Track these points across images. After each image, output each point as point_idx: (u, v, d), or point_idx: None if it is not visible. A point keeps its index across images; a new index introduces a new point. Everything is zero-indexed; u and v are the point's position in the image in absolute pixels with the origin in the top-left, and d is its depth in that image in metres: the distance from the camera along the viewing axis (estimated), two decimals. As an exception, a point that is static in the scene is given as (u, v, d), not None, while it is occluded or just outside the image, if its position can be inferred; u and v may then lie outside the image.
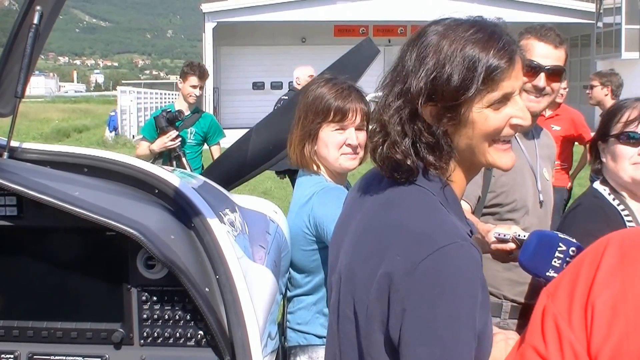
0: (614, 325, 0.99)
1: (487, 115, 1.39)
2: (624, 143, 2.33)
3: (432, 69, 1.36)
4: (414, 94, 1.37)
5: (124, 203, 1.83)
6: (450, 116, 1.37)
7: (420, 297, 1.28)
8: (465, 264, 1.29)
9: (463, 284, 1.28)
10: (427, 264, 1.28)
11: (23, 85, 1.97)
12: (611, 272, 1.03)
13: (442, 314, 1.26)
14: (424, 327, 1.27)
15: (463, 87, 1.35)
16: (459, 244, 1.30)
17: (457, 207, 1.44)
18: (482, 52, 1.36)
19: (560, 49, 2.61)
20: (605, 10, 27.40)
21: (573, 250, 1.71)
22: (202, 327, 1.83)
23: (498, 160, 1.44)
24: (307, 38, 30.10)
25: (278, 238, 2.36)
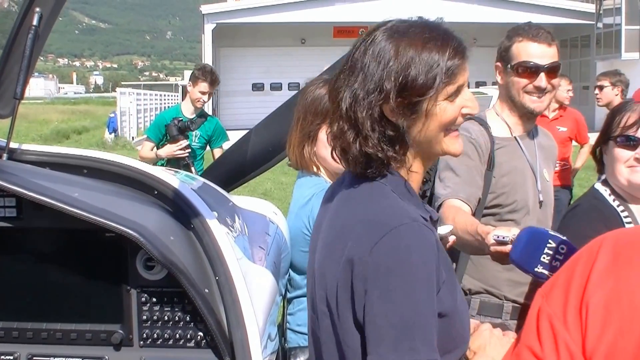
0: (608, 325, 0.99)
1: (444, 107, 1.48)
2: (621, 146, 2.34)
3: (398, 71, 1.44)
4: (383, 93, 1.44)
5: (123, 204, 1.82)
6: (412, 112, 1.46)
7: (378, 277, 1.36)
8: (416, 242, 1.38)
9: (415, 260, 1.36)
10: (380, 246, 1.37)
11: (22, 86, 1.97)
12: (605, 272, 1.03)
13: (398, 289, 1.34)
14: (383, 303, 1.35)
15: (428, 86, 1.44)
16: (409, 224, 1.39)
17: (413, 197, 1.52)
18: (441, 52, 1.46)
19: (553, 45, 2.62)
20: (605, 10, 27.43)
21: (562, 247, 1.73)
22: (201, 328, 1.83)
23: (452, 147, 1.53)
24: (307, 39, 30.14)
25: (278, 239, 2.36)
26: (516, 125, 2.72)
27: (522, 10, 26.89)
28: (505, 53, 2.66)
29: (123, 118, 25.66)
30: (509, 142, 2.70)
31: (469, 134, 2.62)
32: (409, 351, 1.31)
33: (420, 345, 1.32)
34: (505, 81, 2.69)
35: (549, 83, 2.60)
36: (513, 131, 2.72)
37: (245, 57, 30.25)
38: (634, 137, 2.32)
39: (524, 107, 2.64)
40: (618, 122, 2.36)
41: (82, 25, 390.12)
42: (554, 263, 1.72)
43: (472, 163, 2.59)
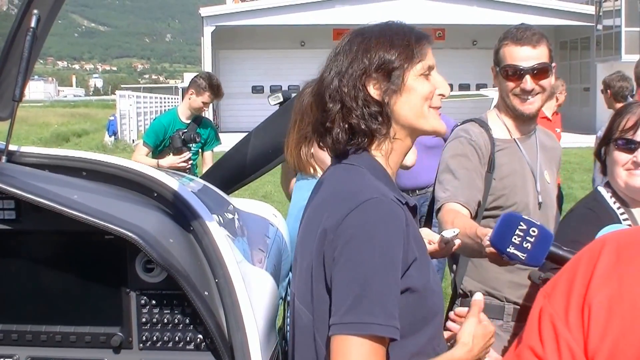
0: (610, 326, 0.99)
1: (422, 81, 1.62)
2: (620, 148, 2.34)
3: (376, 47, 1.61)
4: (364, 66, 1.60)
5: (123, 206, 1.82)
6: (393, 85, 1.60)
7: (346, 245, 1.45)
8: (384, 216, 1.47)
9: (383, 232, 1.45)
10: (350, 217, 1.47)
11: (21, 88, 1.97)
12: (607, 272, 1.03)
13: (361, 257, 1.43)
14: (347, 270, 1.43)
15: (404, 56, 1.60)
16: (379, 199, 1.49)
17: (386, 178, 1.62)
18: (409, 33, 1.64)
19: (539, 47, 2.61)
20: (604, 12, 27.44)
21: (534, 231, 1.80)
22: (201, 330, 1.82)
23: (436, 123, 1.65)
24: (306, 42, 30.15)
25: (278, 241, 2.36)
26: (514, 127, 2.73)
27: (522, 12, 26.89)
28: (496, 56, 2.69)
29: (123, 121, 25.66)
30: (509, 144, 2.70)
31: (469, 135, 2.62)
32: (367, 314, 1.38)
33: (379, 311, 1.39)
34: (498, 84, 2.71)
35: (537, 84, 2.60)
36: (512, 133, 2.72)
37: (244, 60, 30.26)
38: (632, 140, 2.31)
39: (515, 109, 2.66)
40: (618, 124, 2.36)
41: (82, 28, 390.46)
42: (525, 245, 1.79)
43: (472, 166, 2.59)
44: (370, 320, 1.38)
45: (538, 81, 2.61)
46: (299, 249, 1.67)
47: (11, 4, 2.71)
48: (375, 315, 1.38)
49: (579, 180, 12.97)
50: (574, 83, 28.50)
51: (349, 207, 1.48)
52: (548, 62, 2.62)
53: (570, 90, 31.31)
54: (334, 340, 1.41)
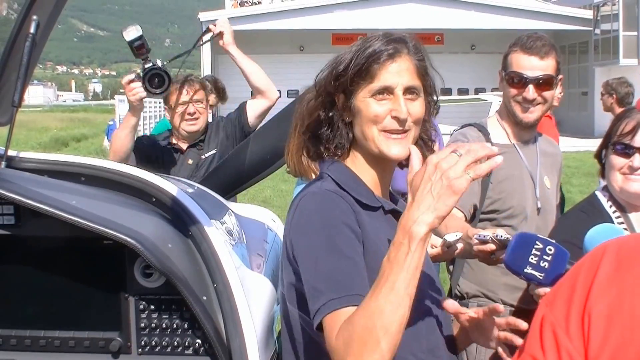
0: (610, 334, 0.99)
1: (368, 103, 1.60)
2: (617, 153, 2.35)
3: (332, 63, 1.67)
4: (321, 85, 1.68)
5: (122, 212, 1.82)
6: (347, 106, 1.64)
7: (294, 233, 1.55)
8: (315, 204, 1.55)
9: (319, 215, 1.52)
10: (293, 217, 1.58)
11: (20, 94, 1.98)
12: (607, 281, 1.03)
13: (306, 247, 1.51)
14: (300, 252, 1.52)
15: (344, 73, 1.62)
16: (311, 192, 1.59)
17: (358, 186, 1.65)
18: (368, 47, 1.61)
19: (547, 58, 2.61)
20: (602, 17, 27.50)
21: (550, 249, 1.77)
22: (199, 335, 1.82)
23: (385, 147, 1.62)
24: (305, 46, 30.18)
25: (276, 247, 2.36)
26: (514, 133, 2.74)
27: (521, 17, 26.96)
28: (504, 61, 2.70)
29: (122, 125, 25.62)
30: (507, 149, 2.71)
31: (467, 139, 2.63)
32: (322, 297, 1.41)
33: (329, 288, 1.41)
34: (502, 88, 2.72)
35: (539, 95, 2.62)
36: (512, 138, 2.73)
37: (244, 64, 30.25)
38: (629, 145, 2.32)
39: (515, 116, 2.67)
40: (616, 129, 2.37)
41: (81, 33, 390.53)
42: (542, 264, 1.75)
43: None
44: (325, 300, 1.40)
45: (541, 92, 2.62)
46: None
47: (10, 9, 2.71)
48: (327, 294, 1.40)
49: (577, 184, 12.99)
50: (572, 87, 28.55)
51: (295, 204, 1.60)
52: (554, 74, 2.63)
53: (568, 94, 31.46)
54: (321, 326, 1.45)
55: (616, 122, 2.40)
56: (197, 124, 3.78)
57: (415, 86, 1.60)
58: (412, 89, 1.60)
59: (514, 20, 26.40)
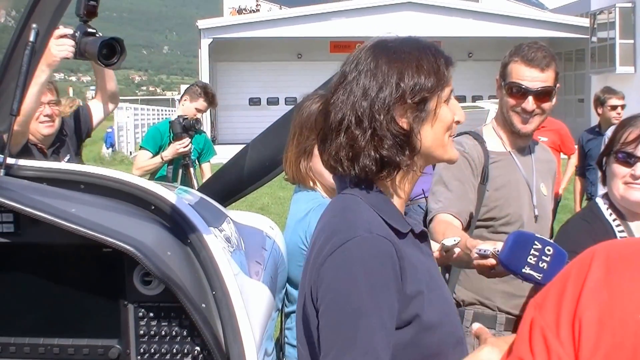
0: (601, 339, 1.00)
1: (445, 110, 1.53)
2: (620, 162, 2.34)
3: (408, 73, 1.48)
4: (398, 93, 1.48)
5: (121, 219, 1.83)
6: (421, 113, 1.49)
7: (326, 294, 1.40)
8: (366, 255, 1.39)
9: (364, 273, 1.37)
10: (331, 260, 1.41)
11: (19, 102, 1.98)
12: (597, 285, 1.04)
13: (343, 304, 1.36)
14: (328, 317, 1.38)
15: (434, 84, 1.49)
16: (362, 237, 1.40)
17: (389, 209, 1.52)
18: (438, 56, 1.52)
19: (547, 70, 2.62)
20: (599, 25, 27.58)
21: (549, 250, 1.75)
22: (198, 343, 1.83)
23: (453, 152, 1.58)
24: (303, 54, 30.22)
25: (274, 254, 2.37)
26: (510, 141, 2.75)
27: (517, 25, 27.05)
28: (503, 70, 2.70)
29: (120, 133, 25.67)
30: (504, 157, 2.72)
31: (463, 147, 2.64)
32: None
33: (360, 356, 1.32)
34: (500, 97, 2.73)
35: (538, 107, 2.62)
36: (508, 146, 2.74)
37: (242, 72, 30.30)
38: (632, 154, 2.31)
39: (512, 125, 2.68)
40: (620, 137, 2.36)
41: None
42: (541, 264, 1.74)
43: (465, 177, 2.61)
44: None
45: (540, 103, 2.63)
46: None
47: (8, 16, 2.72)
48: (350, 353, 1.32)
49: (573, 190, 12.96)
50: (568, 94, 28.61)
51: (331, 248, 1.42)
52: (553, 85, 2.64)
53: (565, 101, 31.45)
54: None
55: (619, 130, 2.39)
56: (53, 126, 3.74)
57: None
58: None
59: (512, 28, 26.48)
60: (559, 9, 36.00)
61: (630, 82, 23.79)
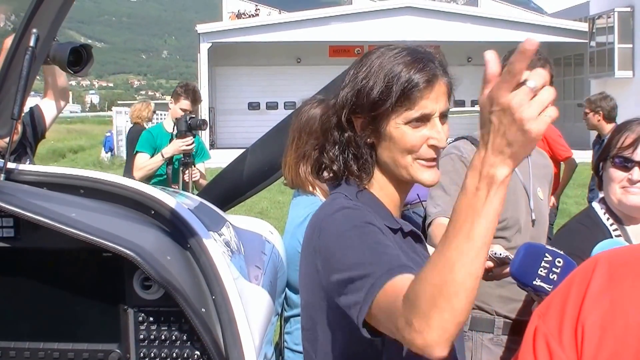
0: (603, 346, 1.00)
1: (404, 131, 1.50)
2: (616, 166, 2.34)
3: (359, 83, 1.52)
4: (341, 104, 1.55)
5: (120, 224, 1.83)
6: (372, 128, 1.52)
7: (326, 242, 1.46)
8: (353, 215, 1.47)
9: (348, 220, 1.45)
10: (323, 224, 1.50)
11: (20, 107, 1.99)
12: (600, 292, 1.04)
13: (340, 245, 1.42)
14: (330, 260, 1.44)
15: (380, 100, 1.49)
16: (345, 208, 1.49)
17: (380, 209, 1.57)
18: (403, 70, 1.48)
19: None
20: (597, 29, 27.62)
21: (559, 261, 1.76)
22: (198, 347, 1.83)
23: (420, 176, 1.55)
24: (302, 58, 30.24)
25: (274, 258, 2.37)
26: None
27: (516, 29, 27.06)
28: None
29: (119, 137, 25.63)
30: None
31: (460, 152, 2.65)
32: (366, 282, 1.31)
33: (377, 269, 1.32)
34: None
35: None
36: None
37: (241, 76, 30.32)
38: (629, 158, 2.31)
39: None
40: (616, 141, 2.36)
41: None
42: (551, 276, 1.75)
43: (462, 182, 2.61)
44: (372, 280, 1.30)
45: None
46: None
47: (8, 20, 2.73)
48: (372, 274, 1.31)
49: (572, 195, 13.00)
50: (567, 99, 28.61)
51: (323, 214, 1.52)
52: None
53: (564, 106, 31.51)
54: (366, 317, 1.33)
55: (615, 135, 2.39)
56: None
57: (448, 109, 1.54)
58: (446, 113, 1.53)
59: (510, 32, 26.49)
60: (558, 13, 36.06)
61: (629, 87, 23.82)
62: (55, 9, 1.99)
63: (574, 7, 32.92)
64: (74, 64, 2.44)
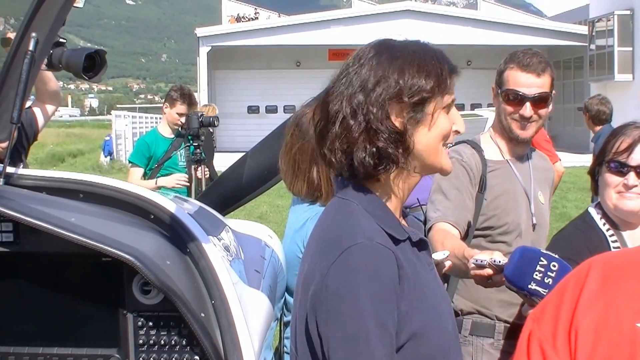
0: (597, 349, 1.00)
1: (443, 117, 1.51)
2: (612, 171, 2.34)
3: (408, 72, 1.47)
4: (395, 90, 1.46)
5: (120, 229, 1.83)
6: (418, 114, 1.48)
7: (329, 301, 1.40)
8: (368, 263, 1.39)
9: (365, 283, 1.37)
10: (333, 268, 1.40)
11: (19, 111, 1.98)
12: (594, 297, 1.04)
13: (345, 314, 1.37)
14: (333, 329, 1.38)
15: (434, 87, 1.47)
16: (362, 244, 1.40)
17: (387, 217, 1.51)
18: (442, 61, 1.52)
19: (543, 76, 2.63)
20: (597, 32, 27.68)
21: (554, 265, 1.76)
22: (198, 352, 1.83)
23: (446, 162, 1.56)
24: (302, 62, 30.29)
25: (273, 263, 2.37)
26: (508, 149, 2.75)
27: (516, 33, 27.12)
28: (499, 78, 2.71)
29: (118, 141, 25.68)
30: (501, 165, 2.72)
31: (461, 156, 2.65)
32: None
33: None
34: (497, 104, 2.73)
35: (536, 113, 2.63)
36: (505, 155, 2.75)
37: (240, 80, 30.37)
38: (625, 163, 2.31)
39: (511, 131, 2.69)
40: (612, 146, 2.35)
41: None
42: (547, 280, 1.75)
43: (463, 186, 2.61)
44: None
45: (537, 109, 2.63)
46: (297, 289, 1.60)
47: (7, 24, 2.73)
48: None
49: (572, 199, 13.02)
50: (567, 102, 28.65)
51: (333, 256, 1.42)
52: (549, 91, 2.65)
53: (563, 109, 31.45)
54: None
55: (610, 139, 2.39)
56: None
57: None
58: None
59: (510, 36, 26.55)
60: (558, 16, 36.14)
61: (629, 90, 23.84)
62: (54, 13, 1.99)
63: (573, 10, 33.00)
64: (88, 69, 2.41)
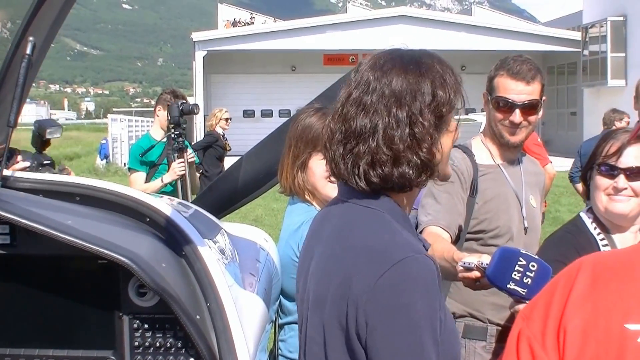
0: (585, 349, 1.02)
1: (454, 123, 1.58)
2: (602, 174, 2.37)
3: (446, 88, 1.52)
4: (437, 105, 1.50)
5: (116, 231, 1.84)
6: (442, 126, 1.52)
7: (382, 312, 1.35)
8: (422, 276, 1.37)
9: (421, 295, 1.35)
10: (385, 279, 1.36)
11: (16, 114, 1.99)
12: (583, 296, 1.06)
13: (402, 326, 1.34)
14: (387, 340, 1.35)
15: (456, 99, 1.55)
16: (414, 257, 1.38)
17: (407, 223, 1.54)
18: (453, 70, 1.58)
19: (533, 83, 2.65)
20: (590, 38, 27.78)
21: (533, 265, 1.78)
22: (193, 354, 1.83)
23: (449, 168, 1.62)
24: (297, 66, 30.32)
25: (268, 266, 2.38)
26: (499, 154, 2.77)
27: (510, 38, 27.19)
28: (489, 84, 2.73)
29: (114, 144, 25.64)
30: (492, 169, 2.74)
31: (452, 161, 2.66)
32: None
33: None
34: (487, 110, 2.76)
35: (525, 119, 2.66)
36: (497, 158, 2.77)
37: (236, 84, 30.37)
38: (614, 166, 2.34)
39: (501, 137, 2.71)
40: (602, 149, 2.39)
41: (74, 52, 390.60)
42: (525, 280, 1.77)
43: (454, 190, 2.63)
44: None
45: (527, 116, 2.66)
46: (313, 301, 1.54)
47: (4, 28, 2.74)
48: None
49: (566, 203, 13.05)
50: (560, 107, 28.75)
51: (382, 268, 1.37)
52: (539, 98, 2.67)
53: (557, 114, 31.44)
54: None
55: (601, 144, 2.43)
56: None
57: None
58: None
59: (504, 41, 26.61)
60: (551, 22, 36.26)
61: (622, 95, 23.93)
62: (51, 17, 2.00)
63: (567, 17, 33.13)
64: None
